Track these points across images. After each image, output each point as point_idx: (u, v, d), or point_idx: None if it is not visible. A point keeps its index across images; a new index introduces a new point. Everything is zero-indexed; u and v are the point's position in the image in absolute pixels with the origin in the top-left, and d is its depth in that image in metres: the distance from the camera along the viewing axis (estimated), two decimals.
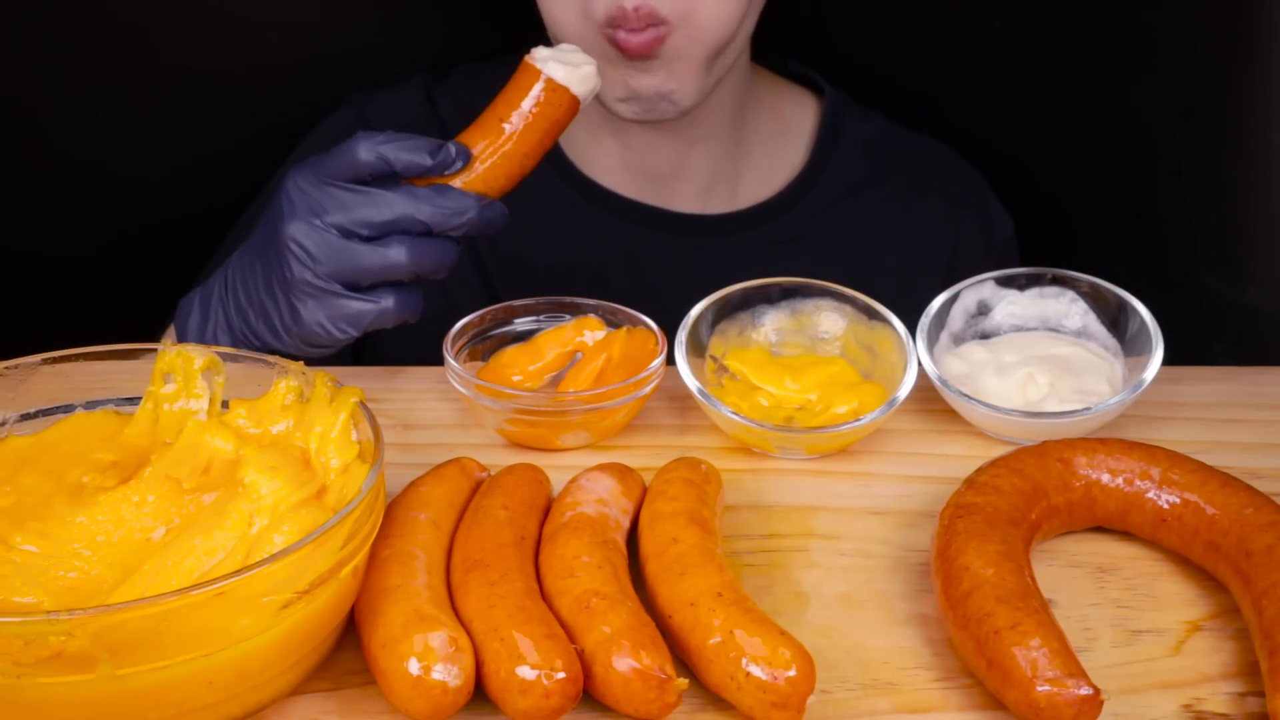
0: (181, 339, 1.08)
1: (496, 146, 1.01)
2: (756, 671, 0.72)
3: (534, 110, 1.01)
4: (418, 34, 1.48)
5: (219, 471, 0.82)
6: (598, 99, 1.20)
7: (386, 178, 0.99)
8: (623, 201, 1.34)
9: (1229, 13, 1.32)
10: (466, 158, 1.00)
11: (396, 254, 0.98)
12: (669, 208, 1.35)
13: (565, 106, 1.01)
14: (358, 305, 0.99)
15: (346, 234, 0.98)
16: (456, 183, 1.00)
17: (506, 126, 1.01)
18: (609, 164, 1.34)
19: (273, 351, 0.97)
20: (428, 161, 0.98)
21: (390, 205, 0.98)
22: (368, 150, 0.98)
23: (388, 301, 0.99)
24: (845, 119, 1.39)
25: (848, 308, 1.04)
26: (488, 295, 1.33)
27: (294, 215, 0.99)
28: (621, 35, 1.15)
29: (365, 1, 1.47)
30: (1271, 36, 1.29)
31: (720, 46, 1.19)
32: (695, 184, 1.35)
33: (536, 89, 1.00)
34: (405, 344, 1.31)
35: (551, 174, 1.34)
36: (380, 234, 0.98)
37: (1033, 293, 1.06)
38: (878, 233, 1.37)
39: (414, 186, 0.99)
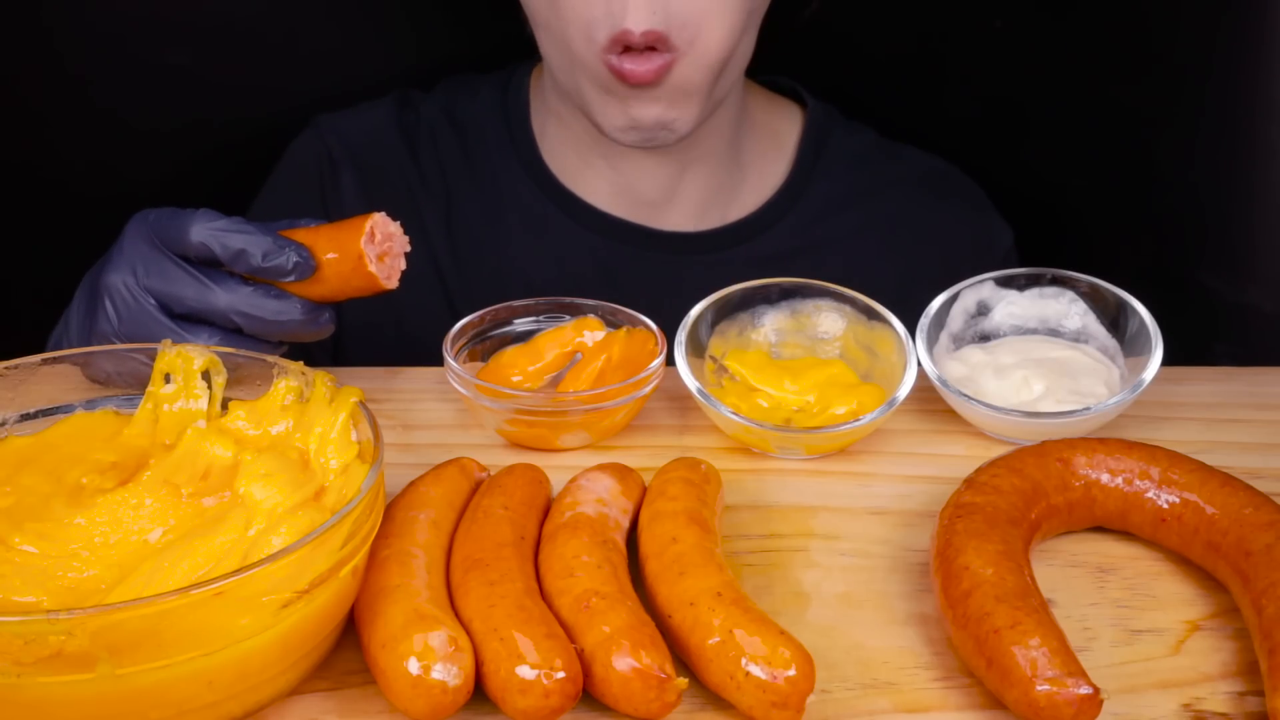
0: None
1: (343, 268, 0.95)
2: (756, 671, 0.72)
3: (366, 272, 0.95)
4: (414, 35, 1.48)
5: (217, 477, 0.82)
6: (595, 126, 1.19)
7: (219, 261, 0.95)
8: (606, 218, 1.32)
9: (1231, 12, 1.32)
10: (305, 271, 0.94)
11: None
12: (659, 227, 1.32)
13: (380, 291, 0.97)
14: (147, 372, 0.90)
15: (161, 304, 0.95)
16: (292, 276, 0.94)
17: (363, 259, 0.94)
18: (598, 185, 1.32)
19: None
20: (256, 262, 0.93)
21: (204, 295, 0.94)
22: (198, 232, 0.94)
23: None
24: (830, 132, 1.37)
25: (847, 308, 1.04)
26: (449, 309, 1.31)
27: (119, 266, 0.96)
28: (627, 66, 1.11)
29: (362, 4, 1.47)
30: (1274, 36, 1.29)
31: (721, 70, 1.16)
32: (688, 207, 1.32)
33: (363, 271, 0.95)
34: (381, 350, 1.30)
35: (533, 187, 1.32)
36: (190, 317, 0.95)
37: (1032, 293, 1.06)
38: (868, 247, 1.35)
39: (241, 281, 0.95)
